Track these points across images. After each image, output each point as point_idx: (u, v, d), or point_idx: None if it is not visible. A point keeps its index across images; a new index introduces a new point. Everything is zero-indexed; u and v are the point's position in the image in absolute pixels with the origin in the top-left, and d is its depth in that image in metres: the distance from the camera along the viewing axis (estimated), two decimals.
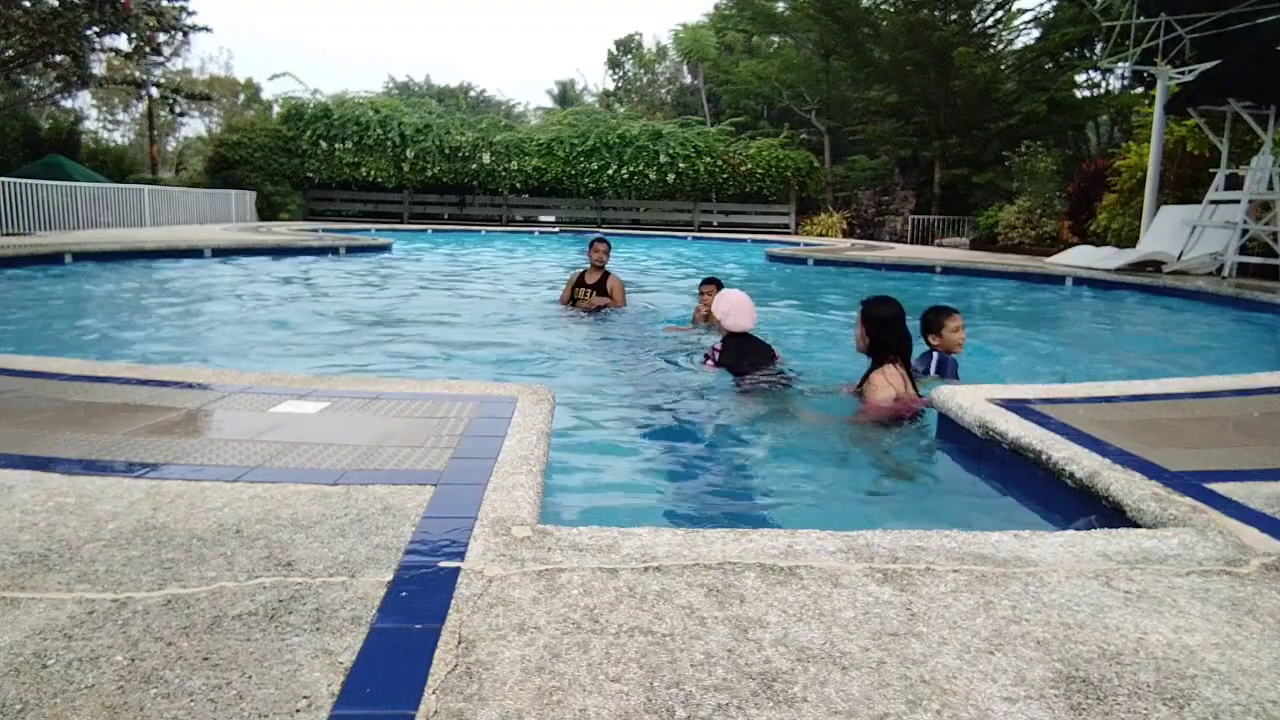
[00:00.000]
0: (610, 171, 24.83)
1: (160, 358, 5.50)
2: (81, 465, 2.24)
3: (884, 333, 3.97)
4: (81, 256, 10.89)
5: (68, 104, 29.37)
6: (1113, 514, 2.20)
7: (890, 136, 24.48)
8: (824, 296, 10.16)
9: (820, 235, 22.87)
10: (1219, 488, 2.26)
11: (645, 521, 2.75)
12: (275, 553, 1.73)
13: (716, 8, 35.29)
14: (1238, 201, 10.72)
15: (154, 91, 24.13)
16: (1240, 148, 12.12)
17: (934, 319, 4.54)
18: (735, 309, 4.60)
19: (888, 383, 3.85)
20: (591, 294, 7.51)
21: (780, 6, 27.29)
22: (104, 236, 13.42)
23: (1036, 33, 22.94)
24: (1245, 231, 10.66)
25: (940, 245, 19.62)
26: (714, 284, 6.53)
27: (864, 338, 4.05)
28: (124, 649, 1.36)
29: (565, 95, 45.94)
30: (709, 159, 24.85)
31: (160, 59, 24.20)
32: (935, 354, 4.47)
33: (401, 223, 24.05)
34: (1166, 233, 12.04)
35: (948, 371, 4.42)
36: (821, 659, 1.38)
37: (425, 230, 21.52)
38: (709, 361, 4.74)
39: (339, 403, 2.99)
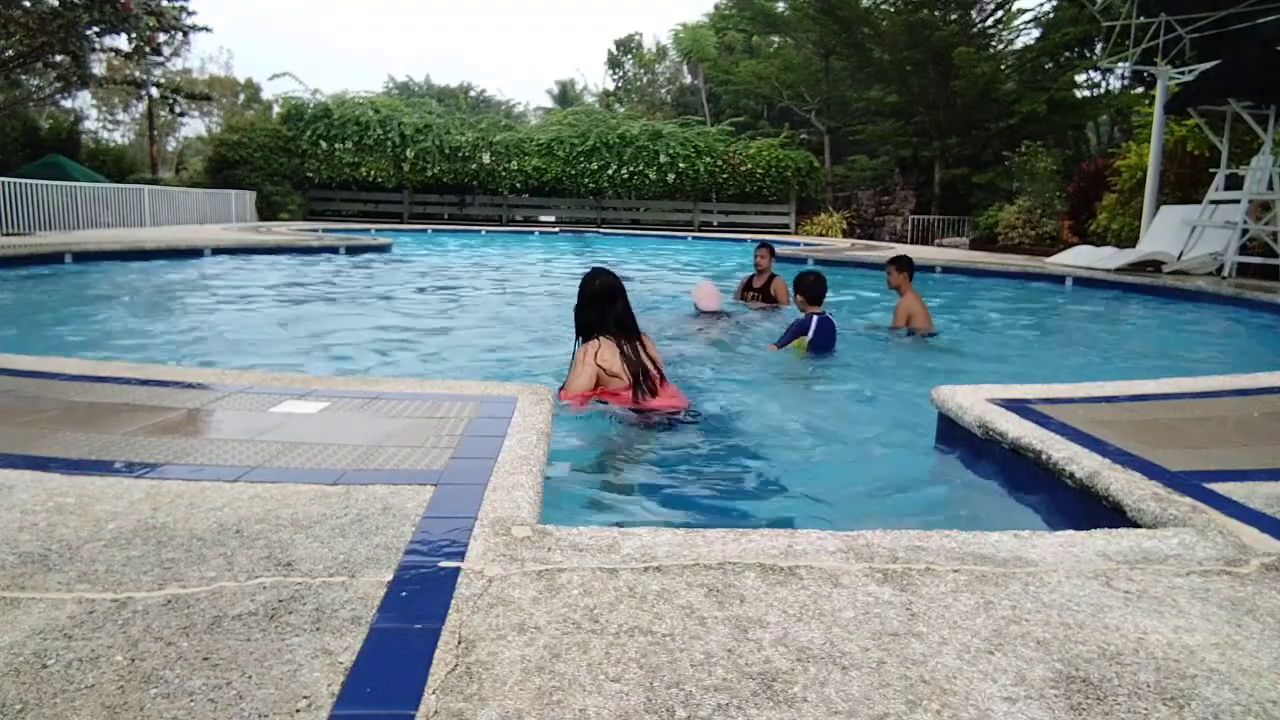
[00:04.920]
0: (610, 171, 24.83)
1: (160, 358, 5.49)
2: (81, 465, 2.24)
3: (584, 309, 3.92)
4: (81, 256, 10.89)
5: (68, 104, 29.35)
6: (1113, 514, 2.20)
7: (890, 136, 24.47)
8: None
9: (820, 235, 22.87)
10: (1219, 488, 2.26)
11: (645, 521, 2.76)
12: (275, 553, 1.73)
13: (716, 8, 35.29)
14: (1238, 201, 10.71)
15: (154, 91, 24.12)
16: (1240, 148, 12.11)
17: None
18: (703, 295, 7.06)
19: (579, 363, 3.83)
20: (757, 298, 8.03)
21: (780, 6, 27.30)
22: (104, 236, 13.42)
23: (1036, 33, 22.95)
24: (1245, 231, 10.66)
25: (940, 245, 19.62)
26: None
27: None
28: (124, 649, 1.36)
29: (565, 95, 45.92)
30: (709, 159, 24.84)
31: (160, 59, 24.18)
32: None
33: (401, 223, 24.04)
34: (1166, 233, 12.04)
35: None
36: (821, 659, 1.38)
37: (425, 230, 21.52)
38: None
39: (339, 403, 2.99)
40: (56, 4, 14.72)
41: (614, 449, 3.55)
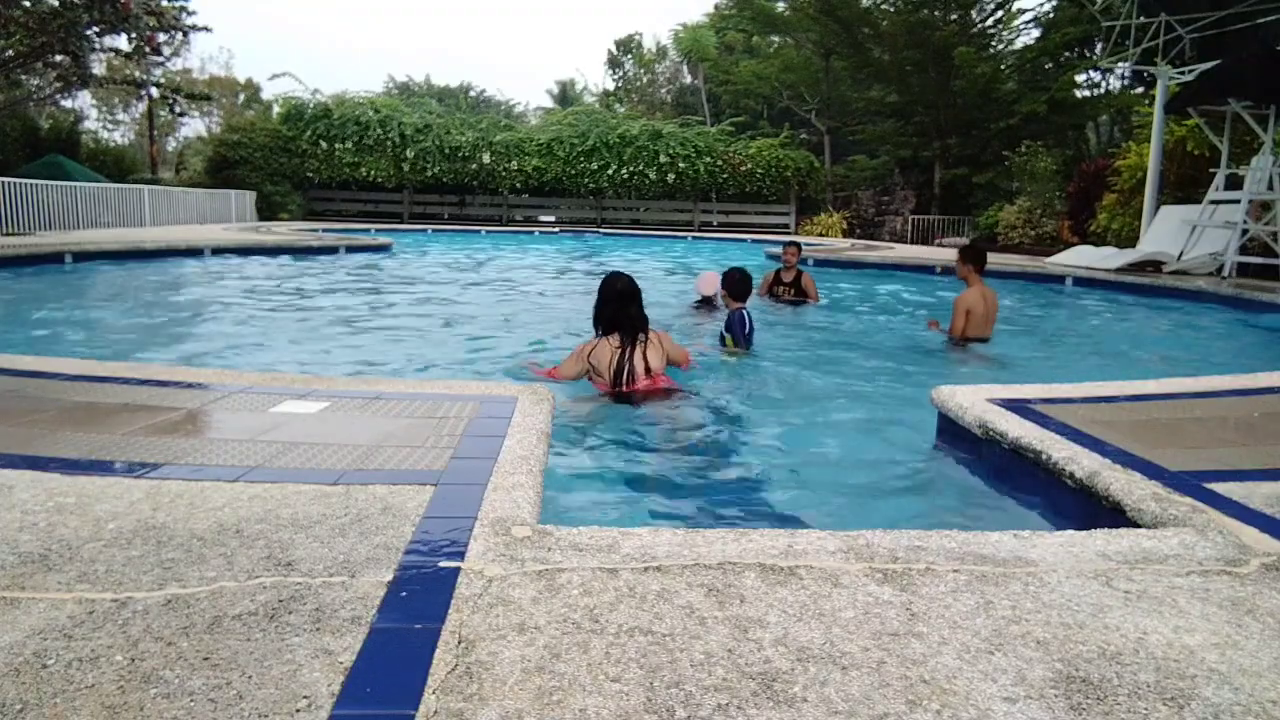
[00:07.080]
0: (610, 171, 24.82)
1: (160, 358, 5.49)
2: (81, 465, 2.24)
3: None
4: (81, 256, 10.90)
5: (68, 104, 29.37)
6: (1113, 514, 2.20)
7: (890, 136, 24.47)
8: (822, 296, 10.15)
9: (820, 235, 22.86)
10: (1219, 488, 2.26)
11: (645, 521, 2.76)
12: (275, 553, 1.73)
13: (716, 8, 35.28)
14: (1238, 201, 10.71)
15: (154, 91, 24.08)
16: (1240, 148, 12.11)
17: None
18: (705, 282, 7.35)
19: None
20: (789, 291, 8.55)
21: (780, 6, 27.28)
22: (104, 236, 13.42)
23: (1036, 32, 22.93)
24: (1245, 231, 10.66)
25: (940, 245, 19.61)
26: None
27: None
28: (124, 649, 1.36)
29: (565, 95, 45.88)
30: (709, 159, 24.84)
31: (160, 59, 24.15)
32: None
33: (401, 223, 24.04)
34: (1166, 233, 12.04)
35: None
36: (821, 659, 1.38)
37: (425, 230, 21.51)
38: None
39: (339, 403, 2.99)
40: (56, 4, 14.71)
41: (615, 449, 3.56)
